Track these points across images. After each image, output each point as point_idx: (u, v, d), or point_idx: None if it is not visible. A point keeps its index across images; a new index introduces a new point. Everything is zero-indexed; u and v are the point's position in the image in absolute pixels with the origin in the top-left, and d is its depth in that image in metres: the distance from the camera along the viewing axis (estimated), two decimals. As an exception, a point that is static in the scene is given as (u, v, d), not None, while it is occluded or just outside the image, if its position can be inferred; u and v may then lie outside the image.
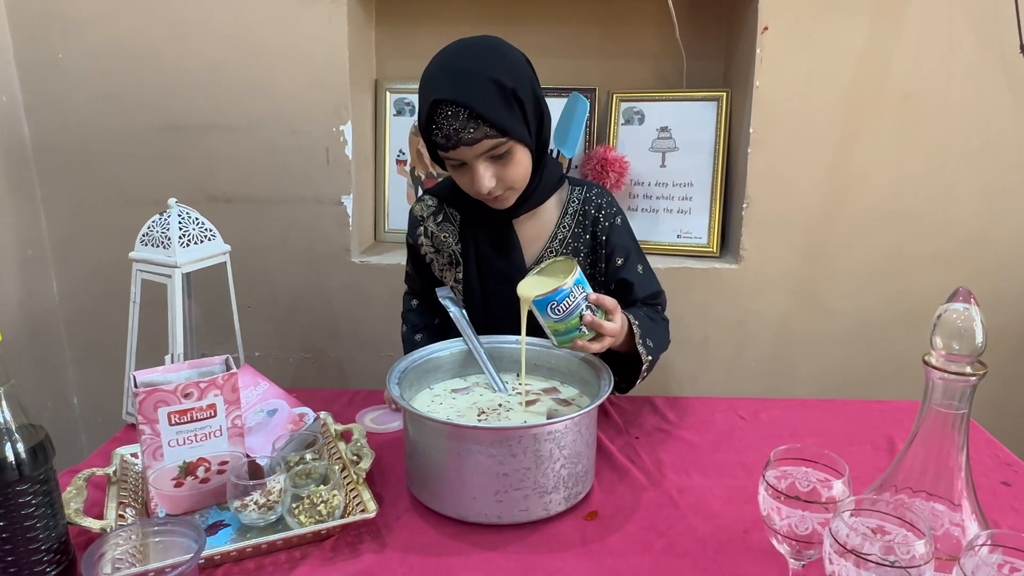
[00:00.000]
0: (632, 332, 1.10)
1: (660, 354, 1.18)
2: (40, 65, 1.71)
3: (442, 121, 1.04)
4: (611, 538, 0.92)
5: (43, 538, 0.78)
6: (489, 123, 1.04)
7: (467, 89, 1.03)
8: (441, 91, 1.04)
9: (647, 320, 1.17)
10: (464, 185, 1.14)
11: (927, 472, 0.76)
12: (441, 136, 1.06)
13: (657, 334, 1.18)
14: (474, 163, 1.08)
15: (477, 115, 1.03)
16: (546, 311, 0.99)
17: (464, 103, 1.02)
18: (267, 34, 1.66)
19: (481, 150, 1.06)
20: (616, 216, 1.25)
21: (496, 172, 1.09)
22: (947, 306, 0.73)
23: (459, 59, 1.07)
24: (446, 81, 1.04)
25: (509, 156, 1.09)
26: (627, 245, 1.25)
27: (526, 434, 0.90)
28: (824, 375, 1.79)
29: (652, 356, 1.14)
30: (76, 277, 1.84)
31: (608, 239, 1.23)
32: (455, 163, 1.10)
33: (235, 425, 0.97)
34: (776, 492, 0.73)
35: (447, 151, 1.08)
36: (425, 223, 1.28)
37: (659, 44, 1.82)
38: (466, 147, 1.05)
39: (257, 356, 1.82)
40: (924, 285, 1.72)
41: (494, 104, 1.04)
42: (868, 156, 1.66)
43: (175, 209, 1.19)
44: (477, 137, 1.04)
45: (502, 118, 1.05)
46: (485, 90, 1.04)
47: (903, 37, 1.59)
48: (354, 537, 0.92)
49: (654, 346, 1.15)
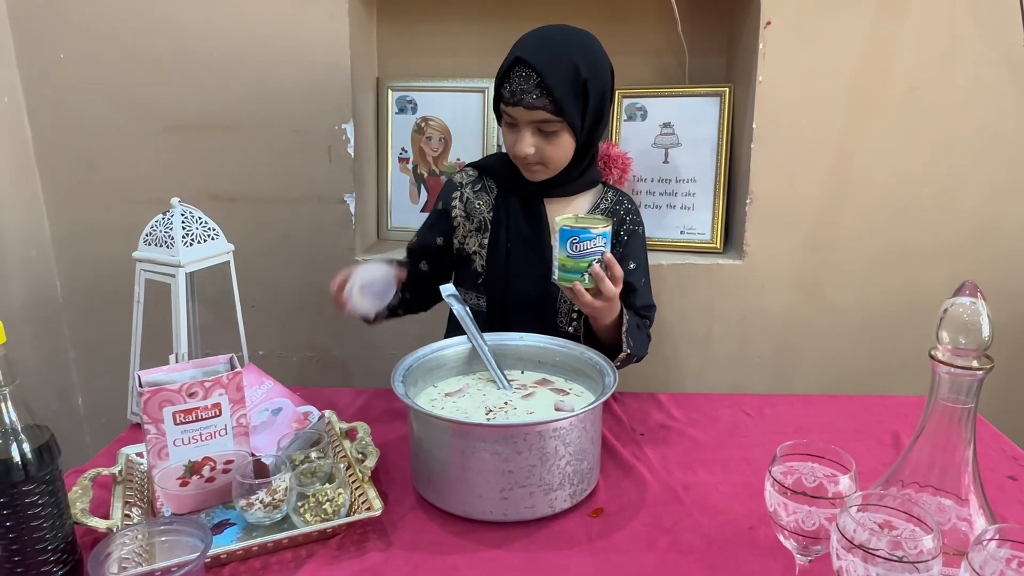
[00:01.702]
0: (621, 321, 1.17)
1: (633, 359, 1.24)
2: (42, 65, 1.71)
3: (514, 78, 1.14)
4: (616, 535, 0.92)
5: (49, 538, 0.78)
6: (551, 97, 1.13)
7: (547, 61, 1.13)
8: (526, 52, 1.14)
9: (635, 324, 1.23)
10: (508, 143, 1.22)
11: (934, 467, 0.76)
12: (508, 90, 1.16)
13: (638, 340, 1.24)
14: (523, 127, 1.17)
15: (545, 86, 1.12)
16: (566, 243, 1.06)
17: (539, 70, 1.12)
18: (269, 33, 1.66)
19: (534, 118, 1.15)
20: (639, 226, 1.32)
21: (538, 144, 1.18)
22: (953, 300, 0.73)
23: (555, 34, 1.18)
24: (534, 47, 1.15)
25: (556, 136, 1.17)
26: (640, 255, 1.31)
27: (531, 431, 0.90)
28: (828, 370, 1.79)
29: (630, 351, 1.20)
30: (80, 277, 1.85)
31: (627, 241, 1.30)
32: (510, 120, 1.19)
33: (240, 424, 0.97)
34: (783, 488, 0.73)
35: (507, 106, 1.17)
36: (463, 189, 1.34)
37: (661, 40, 1.81)
38: (524, 109, 1.15)
39: (261, 355, 1.82)
40: (928, 279, 1.72)
41: (564, 84, 1.13)
42: (872, 150, 1.65)
43: (178, 209, 1.19)
44: (536, 105, 1.14)
45: (565, 100, 1.13)
46: (562, 69, 1.13)
47: (906, 31, 1.58)
48: (360, 535, 0.92)
49: (633, 346, 1.21)
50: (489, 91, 1.79)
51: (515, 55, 1.15)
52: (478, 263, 1.31)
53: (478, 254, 1.31)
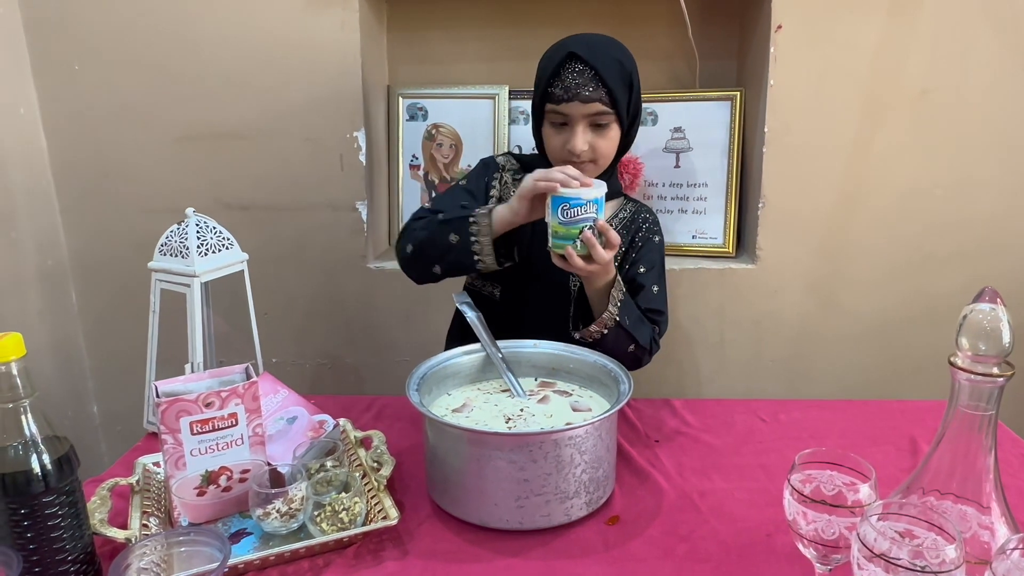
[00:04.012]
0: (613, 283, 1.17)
1: (629, 338, 1.20)
2: (57, 77, 1.72)
3: (567, 75, 1.17)
4: (633, 543, 0.92)
5: (69, 548, 0.78)
6: (607, 88, 1.17)
7: (599, 56, 1.18)
8: (578, 48, 1.17)
9: (636, 310, 1.23)
10: (555, 146, 1.24)
11: (954, 474, 0.75)
12: (561, 88, 1.18)
13: (634, 318, 1.22)
14: (577, 123, 1.19)
15: (600, 78, 1.17)
16: (557, 211, 1.08)
17: (593, 64, 1.16)
18: (280, 42, 1.67)
19: (589, 111, 1.18)
20: (656, 234, 1.34)
21: (591, 140, 1.20)
22: (973, 306, 0.72)
23: (593, 36, 1.23)
24: (583, 44, 1.19)
25: (607, 129, 1.21)
26: (653, 260, 1.32)
27: (547, 439, 0.90)
28: (842, 375, 1.78)
29: (619, 319, 1.18)
30: (95, 287, 1.86)
31: (640, 248, 1.32)
32: (558, 120, 1.21)
33: (256, 433, 0.97)
34: (802, 496, 0.72)
35: (559, 103, 1.19)
36: (503, 173, 1.36)
37: (671, 44, 1.81)
38: (580, 103, 1.17)
39: (274, 363, 1.83)
40: (943, 283, 1.70)
41: (615, 76, 1.18)
42: (885, 154, 1.64)
43: (193, 219, 1.19)
44: (592, 98, 1.17)
45: (618, 91, 1.18)
46: (611, 63, 1.18)
47: (919, 33, 1.57)
48: (376, 544, 0.92)
49: (630, 323, 1.20)
50: (499, 98, 1.79)
51: (566, 51, 1.18)
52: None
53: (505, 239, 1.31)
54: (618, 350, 1.19)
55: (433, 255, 1.21)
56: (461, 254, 1.17)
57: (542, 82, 1.22)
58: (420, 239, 1.22)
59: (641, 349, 1.23)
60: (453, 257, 1.19)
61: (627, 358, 1.20)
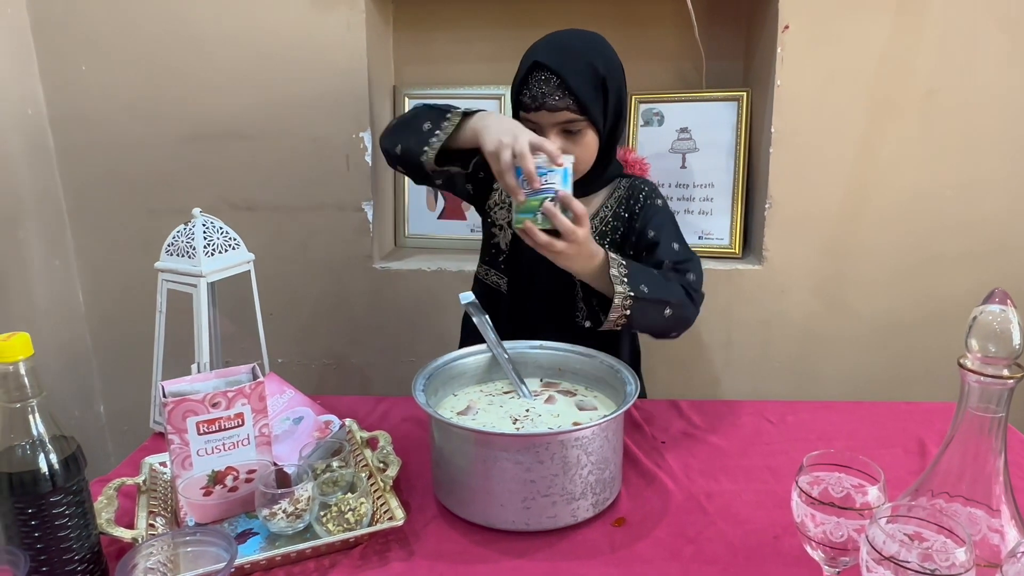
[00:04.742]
0: (607, 265, 1.11)
1: (658, 304, 1.13)
2: (64, 77, 1.73)
3: (534, 83, 1.15)
4: (639, 545, 0.91)
5: (76, 548, 0.78)
6: (574, 96, 1.14)
7: (565, 61, 1.14)
8: (542, 56, 1.15)
9: (649, 272, 1.15)
10: None
11: (964, 477, 0.75)
12: (529, 96, 1.16)
13: (657, 282, 1.14)
14: (548, 131, 1.17)
15: (567, 86, 1.13)
16: (520, 180, 1.04)
17: (558, 71, 1.13)
18: (286, 43, 1.67)
19: (559, 119, 1.16)
20: (657, 199, 1.30)
21: (565, 146, 1.16)
22: (983, 308, 0.72)
23: (566, 37, 1.19)
24: (549, 50, 1.16)
25: (580, 136, 1.18)
26: (662, 221, 1.26)
27: (553, 440, 0.89)
28: (850, 376, 1.77)
29: (635, 294, 1.10)
30: (102, 287, 1.87)
31: (643, 215, 1.27)
32: (531, 127, 1.16)
33: (262, 434, 0.97)
34: (810, 499, 0.72)
35: (529, 112, 1.17)
36: None
37: (678, 45, 1.81)
38: (547, 112, 1.15)
39: (280, 363, 1.83)
40: (951, 285, 1.70)
41: (584, 82, 1.14)
42: (892, 154, 1.64)
43: (200, 219, 1.19)
44: (560, 106, 1.14)
45: (587, 96, 1.14)
46: (580, 68, 1.15)
47: (927, 33, 1.57)
48: (382, 545, 0.92)
49: (650, 289, 1.11)
50: (505, 98, 1.79)
51: (532, 60, 1.16)
52: (502, 240, 1.33)
53: (503, 230, 1.33)
54: (656, 322, 1.15)
55: (402, 133, 1.23)
56: (420, 140, 1.17)
57: (513, 89, 1.21)
58: (404, 116, 1.27)
59: (680, 307, 1.16)
60: (414, 140, 1.18)
61: (672, 323, 1.16)
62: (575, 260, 1.10)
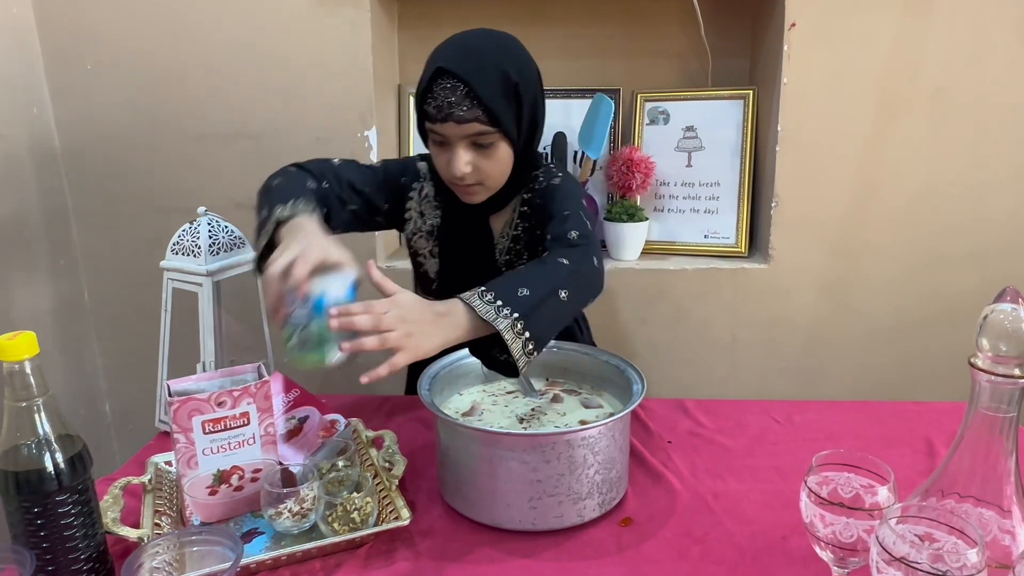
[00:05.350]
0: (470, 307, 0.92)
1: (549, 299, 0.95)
2: (70, 77, 1.73)
3: (439, 91, 1.03)
4: (646, 544, 0.91)
5: (82, 547, 0.78)
6: (484, 107, 1.03)
7: (473, 67, 1.03)
8: (447, 61, 1.03)
9: (515, 274, 0.99)
10: (440, 166, 1.12)
11: (974, 477, 0.74)
12: (434, 106, 1.04)
13: (536, 280, 0.96)
14: (456, 144, 1.06)
15: (475, 95, 1.02)
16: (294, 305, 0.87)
17: (466, 79, 1.02)
18: (292, 42, 1.67)
19: (468, 132, 1.05)
20: (554, 177, 1.16)
21: (475, 160, 1.07)
22: (994, 307, 0.71)
23: (475, 40, 1.08)
24: (455, 54, 1.04)
25: (492, 149, 1.07)
26: (564, 202, 1.11)
27: (559, 440, 0.89)
28: (856, 376, 1.77)
29: (517, 313, 0.91)
30: (107, 286, 1.87)
31: (543, 203, 1.14)
32: (438, 139, 1.08)
33: (268, 433, 0.97)
34: (819, 499, 0.71)
35: (435, 123, 1.05)
36: (424, 183, 1.23)
37: (684, 43, 1.80)
38: (454, 124, 1.04)
39: (286, 362, 1.82)
40: (958, 284, 1.69)
41: (494, 91, 1.03)
42: (900, 152, 1.63)
43: (205, 218, 1.19)
44: (468, 117, 1.03)
45: (498, 107, 1.04)
46: (490, 75, 1.03)
47: (934, 30, 1.56)
48: (388, 545, 0.91)
49: (530, 293, 0.93)
50: (511, 96, 1.79)
51: (435, 66, 1.03)
52: (430, 269, 1.25)
53: (426, 259, 1.25)
54: (558, 315, 0.98)
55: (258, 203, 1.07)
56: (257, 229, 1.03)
57: (417, 97, 1.09)
58: (268, 182, 1.10)
59: (572, 278, 0.99)
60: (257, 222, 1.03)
61: (578, 297, 1.00)
62: (432, 331, 0.90)
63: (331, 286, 0.88)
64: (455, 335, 0.93)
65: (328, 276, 0.89)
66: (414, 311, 0.92)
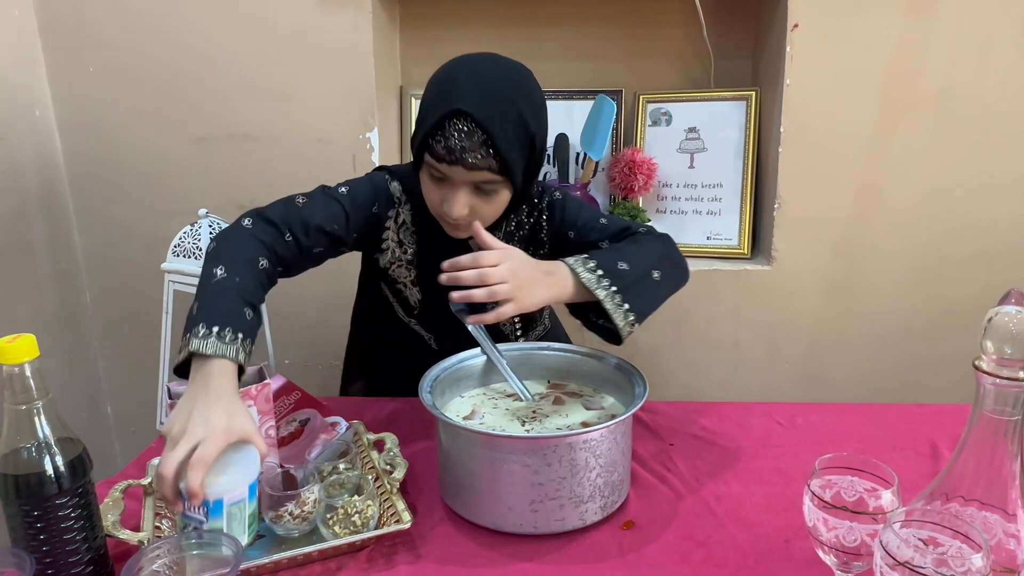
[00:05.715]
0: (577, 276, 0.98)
1: (655, 272, 1.04)
2: (72, 80, 1.73)
3: (452, 132, 0.97)
4: (648, 548, 0.90)
5: (82, 551, 0.78)
6: (499, 157, 0.98)
7: (493, 114, 0.97)
8: (468, 104, 0.96)
9: (611, 253, 1.04)
10: (431, 199, 1.07)
11: (979, 481, 0.73)
12: (444, 147, 0.98)
13: (635, 254, 1.04)
14: (458, 187, 1.02)
15: (492, 144, 0.97)
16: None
17: (486, 127, 0.97)
18: (293, 44, 1.67)
19: (475, 178, 1.01)
20: (554, 192, 1.18)
21: (473, 203, 1.04)
22: (998, 309, 0.70)
23: (495, 80, 1.01)
24: (475, 95, 0.97)
25: (494, 193, 1.04)
26: (576, 212, 1.16)
27: (561, 443, 0.89)
28: (860, 378, 1.76)
29: (618, 286, 0.99)
30: (108, 288, 1.87)
31: (551, 217, 1.16)
32: (437, 175, 1.03)
33: (269, 435, 0.96)
34: (823, 503, 0.71)
35: (440, 163, 1.00)
36: (400, 209, 1.16)
37: (686, 44, 1.80)
38: (463, 169, 0.99)
39: (287, 364, 1.83)
40: (962, 285, 1.68)
41: (511, 142, 0.99)
42: (903, 153, 1.62)
43: (206, 220, 1.19)
44: (480, 165, 0.99)
45: (513, 157, 1.00)
46: (510, 124, 0.99)
47: (937, 30, 1.56)
48: (389, 548, 0.91)
49: (630, 267, 1.01)
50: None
51: (455, 105, 0.96)
52: (410, 298, 1.22)
53: (406, 287, 1.21)
54: (654, 291, 1.05)
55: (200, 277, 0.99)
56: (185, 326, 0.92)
57: (422, 128, 1.01)
58: (216, 248, 1.00)
59: (664, 271, 1.07)
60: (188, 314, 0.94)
61: (667, 285, 1.07)
62: (539, 288, 0.97)
63: (230, 487, 0.84)
64: (560, 294, 0.99)
65: (227, 471, 0.84)
66: (525, 266, 0.97)
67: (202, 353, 0.87)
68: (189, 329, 0.90)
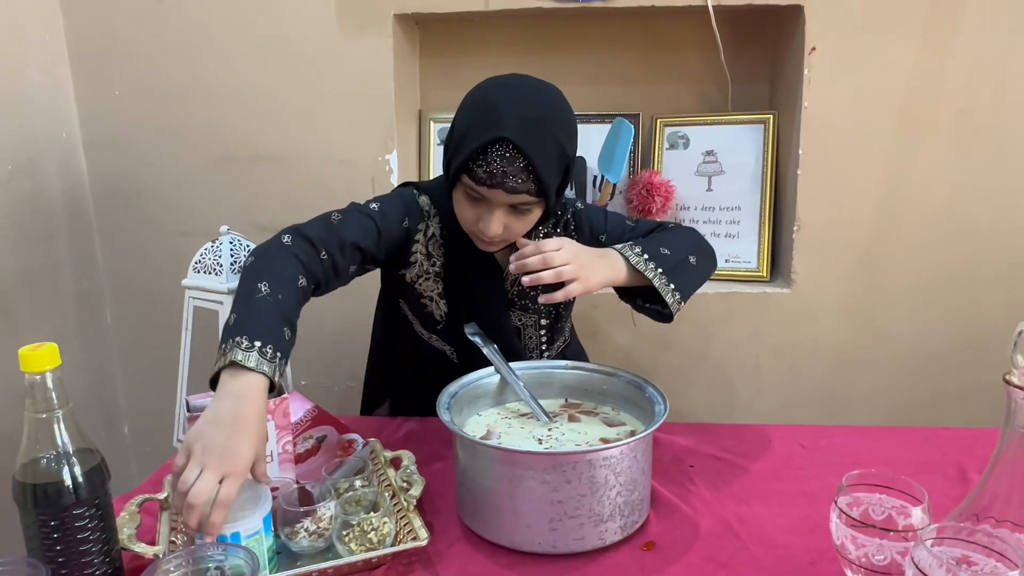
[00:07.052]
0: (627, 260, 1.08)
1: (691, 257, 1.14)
2: (99, 102, 1.76)
3: (494, 159, 1.01)
4: (670, 570, 0.88)
5: (97, 563, 0.78)
6: (539, 182, 1.03)
7: (534, 140, 1.01)
8: (511, 132, 1.00)
9: (651, 241, 1.14)
10: (466, 218, 1.10)
11: (1012, 500, 0.71)
12: (486, 171, 1.01)
13: (672, 242, 1.14)
14: (495, 208, 1.05)
15: (533, 170, 1.01)
16: None
17: (528, 154, 1.00)
18: (315, 68, 1.69)
19: (514, 200, 1.04)
20: (577, 203, 1.25)
21: (508, 222, 1.07)
22: (1029, 322, 0.69)
23: (532, 106, 1.04)
24: (518, 124, 1.01)
25: (528, 212, 1.08)
26: (599, 217, 1.24)
27: (581, 460, 0.87)
28: (883, 400, 1.73)
29: (664, 264, 1.09)
30: (129, 307, 1.88)
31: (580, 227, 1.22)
32: (475, 196, 1.06)
33: (285, 451, 0.96)
34: (851, 520, 0.69)
35: (480, 185, 1.03)
36: (430, 222, 1.18)
37: (703, 68, 1.81)
38: (504, 192, 1.03)
39: (304, 384, 1.83)
40: (985, 306, 1.66)
41: (551, 166, 1.04)
42: (923, 174, 1.61)
43: (227, 237, 1.20)
44: (520, 189, 1.02)
45: (551, 181, 1.04)
46: (550, 150, 1.03)
47: (956, 52, 1.55)
48: (405, 566, 0.90)
49: (671, 252, 1.12)
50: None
51: (497, 133, 1.00)
52: (435, 312, 1.22)
53: (434, 302, 1.21)
54: (692, 275, 1.15)
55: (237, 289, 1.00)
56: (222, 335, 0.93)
57: (463, 150, 1.03)
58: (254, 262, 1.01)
59: (699, 256, 1.17)
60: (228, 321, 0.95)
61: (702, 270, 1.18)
62: (599, 268, 1.06)
63: (245, 524, 0.84)
64: (616, 276, 1.08)
65: (243, 506, 0.85)
66: (583, 250, 1.07)
67: (243, 364, 0.87)
68: (229, 338, 0.90)
